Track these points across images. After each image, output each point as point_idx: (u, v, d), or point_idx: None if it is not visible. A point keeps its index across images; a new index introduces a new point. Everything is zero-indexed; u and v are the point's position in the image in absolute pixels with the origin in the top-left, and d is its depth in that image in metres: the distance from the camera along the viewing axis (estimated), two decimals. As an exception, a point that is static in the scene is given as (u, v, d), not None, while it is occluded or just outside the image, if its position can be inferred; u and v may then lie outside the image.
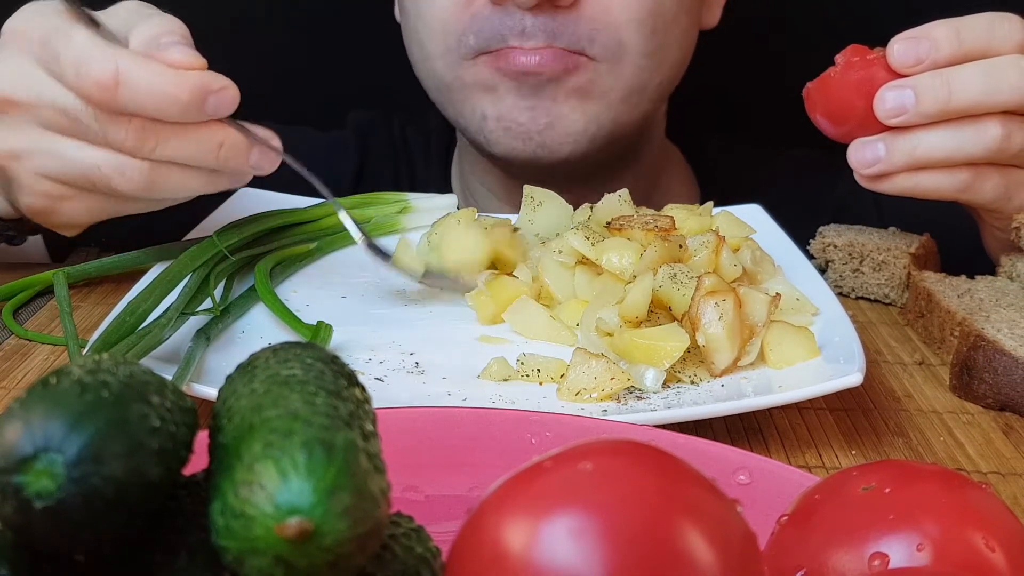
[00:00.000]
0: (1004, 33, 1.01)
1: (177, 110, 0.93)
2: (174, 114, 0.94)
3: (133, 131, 0.95)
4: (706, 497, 0.44)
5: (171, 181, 0.99)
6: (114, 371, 0.44)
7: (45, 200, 1.02)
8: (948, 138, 1.01)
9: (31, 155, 0.99)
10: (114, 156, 0.97)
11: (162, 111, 0.93)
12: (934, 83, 1.00)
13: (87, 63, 0.92)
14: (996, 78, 0.99)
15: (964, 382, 0.93)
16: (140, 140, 0.95)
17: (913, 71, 1.01)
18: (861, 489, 0.50)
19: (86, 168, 0.97)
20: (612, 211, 1.06)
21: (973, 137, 1.01)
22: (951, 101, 1.00)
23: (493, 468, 0.55)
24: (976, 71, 1.00)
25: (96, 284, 1.15)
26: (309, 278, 1.13)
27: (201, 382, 0.84)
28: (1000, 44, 1.01)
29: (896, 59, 1.01)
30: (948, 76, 1.00)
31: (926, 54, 1.00)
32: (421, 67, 1.35)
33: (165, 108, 0.93)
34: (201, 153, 0.97)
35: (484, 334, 1.01)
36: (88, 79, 0.92)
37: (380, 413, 0.49)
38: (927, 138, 1.01)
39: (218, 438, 0.45)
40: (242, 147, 0.98)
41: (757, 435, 0.86)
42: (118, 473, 0.40)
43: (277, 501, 0.40)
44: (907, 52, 1.01)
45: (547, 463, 0.45)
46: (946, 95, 0.99)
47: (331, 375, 0.48)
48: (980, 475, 0.82)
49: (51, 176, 1.00)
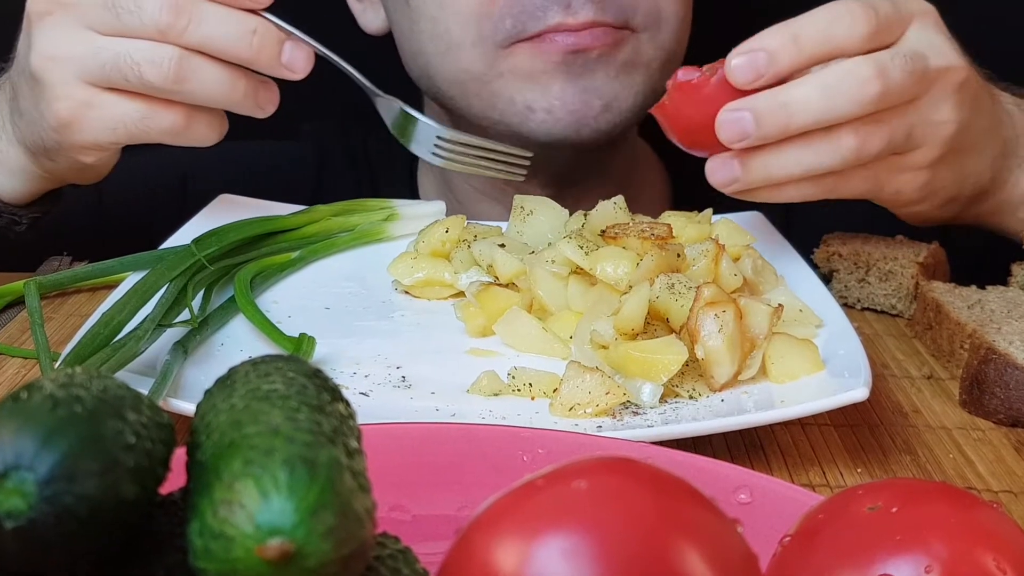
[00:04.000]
0: (845, 31, 0.99)
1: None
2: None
3: (167, 5, 1.03)
4: (705, 517, 0.45)
5: (201, 74, 1.06)
6: (87, 385, 0.44)
7: (74, 107, 1.08)
8: (802, 155, 1.01)
9: (69, 58, 1.06)
10: (146, 44, 1.05)
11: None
12: (771, 105, 0.99)
13: None
14: (833, 93, 0.98)
15: (974, 397, 0.94)
16: (174, 14, 1.03)
17: (755, 86, 0.99)
18: (867, 508, 0.51)
19: (118, 58, 1.04)
20: (607, 219, 1.06)
21: (828, 151, 1.00)
22: (791, 123, 0.99)
23: (483, 487, 0.55)
24: (812, 89, 0.99)
25: (69, 294, 1.15)
26: (291, 288, 1.13)
27: (178, 397, 0.83)
28: (842, 43, 0.99)
29: (735, 78, 0.99)
30: (785, 97, 0.99)
31: (764, 68, 0.99)
32: (439, 61, 1.31)
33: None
34: (234, 37, 1.05)
35: (474, 347, 1.01)
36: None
37: (365, 429, 0.49)
38: (780, 158, 1.01)
39: (196, 455, 0.45)
40: (275, 36, 1.07)
41: (758, 452, 0.87)
42: (92, 492, 0.40)
43: (258, 521, 0.40)
44: (744, 69, 0.99)
45: (539, 481, 0.45)
46: (785, 118, 0.98)
47: (314, 390, 0.48)
48: (991, 494, 0.82)
49: (84, 77, 1.06)
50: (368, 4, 1.44)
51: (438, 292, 1.11)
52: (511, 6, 1.23)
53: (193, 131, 1.10)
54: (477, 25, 1.25)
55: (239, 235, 1.11)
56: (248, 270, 1.08)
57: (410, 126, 1.20)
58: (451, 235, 1.12)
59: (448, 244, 1.12)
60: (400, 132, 1.21)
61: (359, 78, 1.18)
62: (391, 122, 1.21)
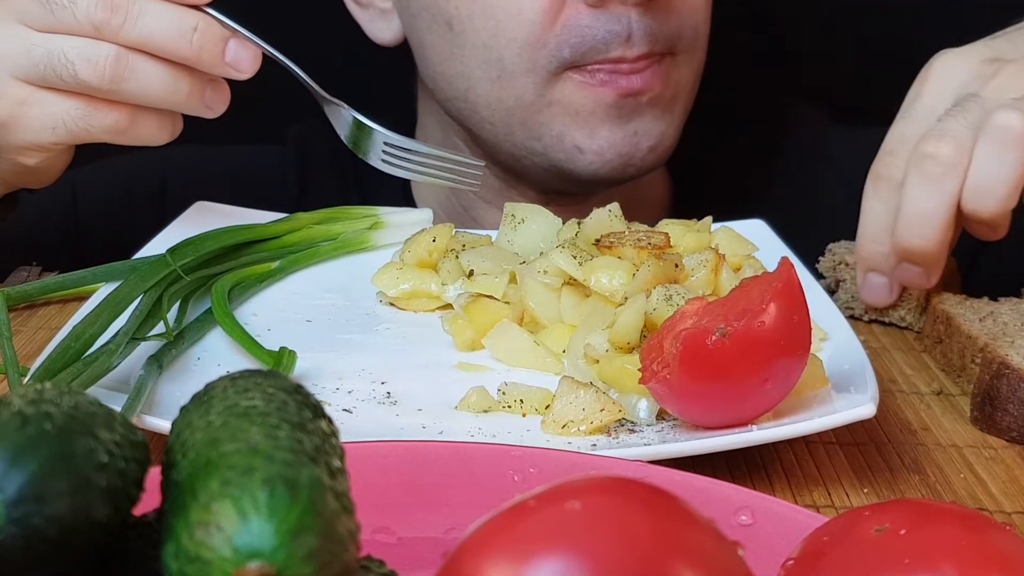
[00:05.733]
0: None
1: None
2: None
3: (103, 2, 1.02)
4: (705, 539, 0.45)
5: (139, 73, 1.05)
6: (58, 402, 0.44)
7: (9, 106, 1.07)
8: None
9: (2, 56, 1.06)
10: (81, 41, 1.04)
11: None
12: None
13: None
14: None
15: (986, 413, 0.94)
16: (110, 10, 1.02)
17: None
18: (874, 530, 0.51)
19: (51, 56, 1.04)
20: (602, 227, 1.06)
21: None
22: None
23: (472, 508, 0.55)
24: None
25: (38, 306, 1.15)
26: (271, 300, 1.13)
27: (153, 414, 0.83)
28: None
29: None
30: None
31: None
32: (488, 88, 1.30)
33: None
34: (174, 35, 1.04)
35: (462, 361, 1.01)
36: None
37: (348, 448, 0.49)
38: None
39: (171, 475, 0.45)
40: (217, 34, 1.06)
41: (760, 471, 0.87)
42: (62, 513, 0.40)
43: (236, 544, 0.40)
44: None
45: (531, 502, 0.45)
46: None
47: (295, 406, 0.48)
48: (1004, 515, 0.82)
49: (18, 75, 1.06)
50: (377, 13, 1.43)
51: (425, 304, 1.11)
52: (569, 36, 1.24)
53: (139, 131, 1.10)
54: (532, 54, 1.26)
55: (217, 244, 1.11)
56: (226, 281, 1.08)
57: (363, 134, 1.19)
58: (438, 244, 1.12)
59: (435, 254, 1.12)
60: (353, 142, 1.20)
61: (308, 81, 1.17)
62: (343, 131, 1.20)
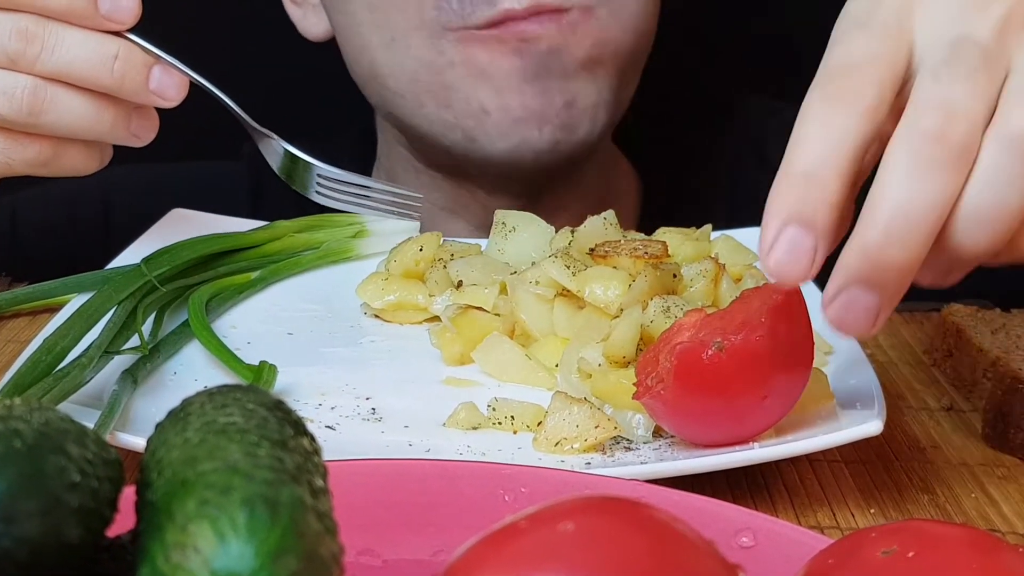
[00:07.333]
0: None
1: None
2: (61, 5, 0.99)
3: (17, 31, 0.99)
4: (704, 563, 0.45)
5: (58, 104, 1.02)
6: (27, 418, 0.44)
7: None
8: None
9: None
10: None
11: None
12: None
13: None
14: None
15: (999, 431, 0.94)
16: (24, 41, 1.00)
17: None
18: (881, 553, 0.51)
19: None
20: (596, 236, 1.06)
21: None
22: None
23: (460, 529, 0.55)
24: None
25: (7, 319, 1.15)
26: (251, 312, 1.13)
27: (127, 431, 0.83)
28: None
29: None
30: None
31: None
32: (385, 54, 1.31)
33: None
34: (94, 63, 1.02)
35: (450, 376, 1.01)
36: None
37: (332, 466, 0.49)
38: None
39: (146, 495, 0.45)
40: (140, 62, 1.03)
41: (762, 491, 0.87)
42: (32, 534, 0.40)
43: (214, 566, 0.40)
44: None
45: (522, 523, 0.45)
46: None
47: (275, 423, 0.48)
48: (1017, 537, 0.82)
49: None
50: (309, 8, 1.44)
51: (411, 316, 1.11)
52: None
53: (63, 162, 1.08)
54: (419, 9, 1.26)
55: (194, 253, 1.11)
56: (203, 292, 1.08)
57: (296, 167, 1.18)
58: (425, 254, 1.12)
59: (422, 263, 1.12)
60: (287, 174, 1.19)
61: (237, 111, 1.15)
62: (275, 163, 1.19)
